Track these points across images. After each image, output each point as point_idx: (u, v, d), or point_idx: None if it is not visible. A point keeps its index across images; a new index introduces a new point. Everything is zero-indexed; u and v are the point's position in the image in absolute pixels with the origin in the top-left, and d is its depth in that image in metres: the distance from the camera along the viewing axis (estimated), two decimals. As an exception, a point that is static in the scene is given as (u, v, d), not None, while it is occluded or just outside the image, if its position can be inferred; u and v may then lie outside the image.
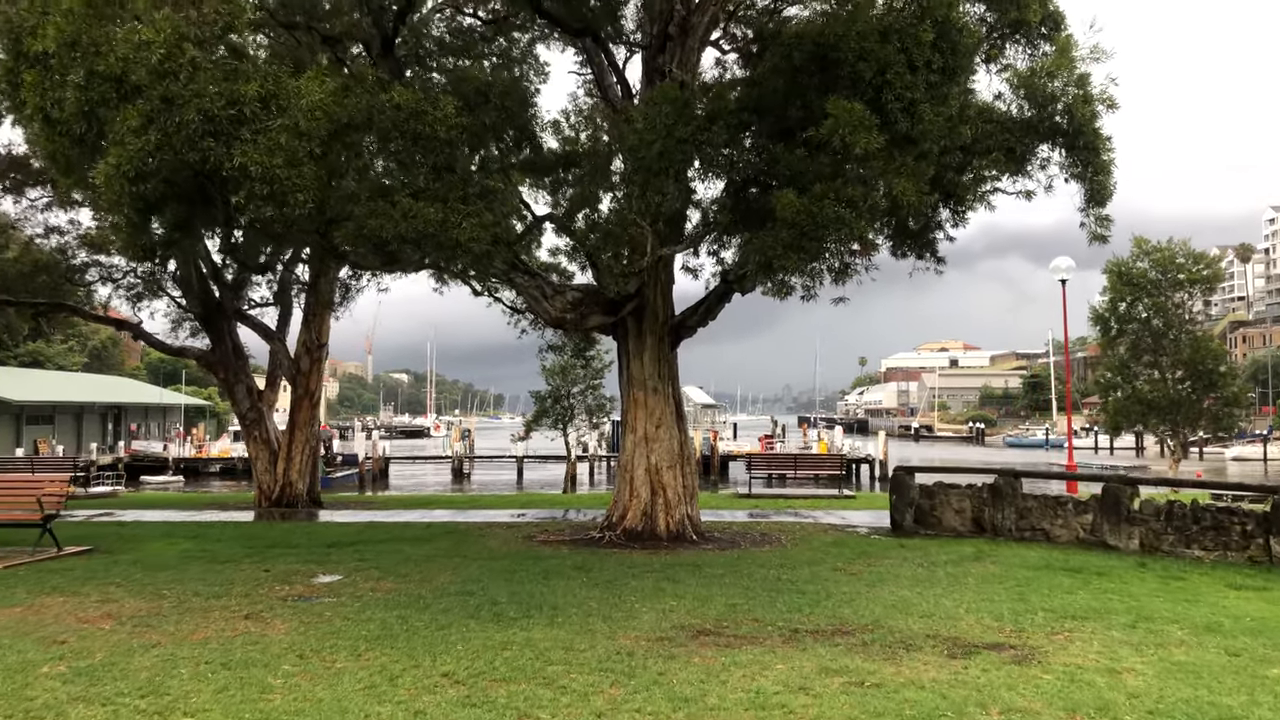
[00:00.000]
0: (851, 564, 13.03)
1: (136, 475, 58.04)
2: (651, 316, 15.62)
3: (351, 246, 10.93)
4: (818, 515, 19.87)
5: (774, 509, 21.26)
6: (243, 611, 9.54)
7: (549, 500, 24.96)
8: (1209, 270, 30.02)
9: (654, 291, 15.54)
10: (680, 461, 15.88)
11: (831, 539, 15.89)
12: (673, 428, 15.83)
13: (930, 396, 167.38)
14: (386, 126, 10.97)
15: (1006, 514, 15.86)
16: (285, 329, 24.91)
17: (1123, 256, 30.47)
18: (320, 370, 23.99)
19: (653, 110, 11.34)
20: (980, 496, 16.33)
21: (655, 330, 15.66)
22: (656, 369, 15.69)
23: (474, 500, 24.97)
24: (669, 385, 15.89)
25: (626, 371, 16.03)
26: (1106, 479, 14.91)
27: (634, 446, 15.79)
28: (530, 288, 14.88)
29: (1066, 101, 11.52)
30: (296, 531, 17.09)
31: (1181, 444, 30.60)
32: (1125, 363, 30.48)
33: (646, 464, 15.67)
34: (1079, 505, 15.11)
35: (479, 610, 9.50)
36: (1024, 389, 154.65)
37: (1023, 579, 11.80)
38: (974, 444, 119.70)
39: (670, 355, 16.11)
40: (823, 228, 10.38)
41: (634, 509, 15.63)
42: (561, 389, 31.96)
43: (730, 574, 11.97)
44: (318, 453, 24.53)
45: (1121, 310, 30.43)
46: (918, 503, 16.94)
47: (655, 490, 15.63)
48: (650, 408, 15.69)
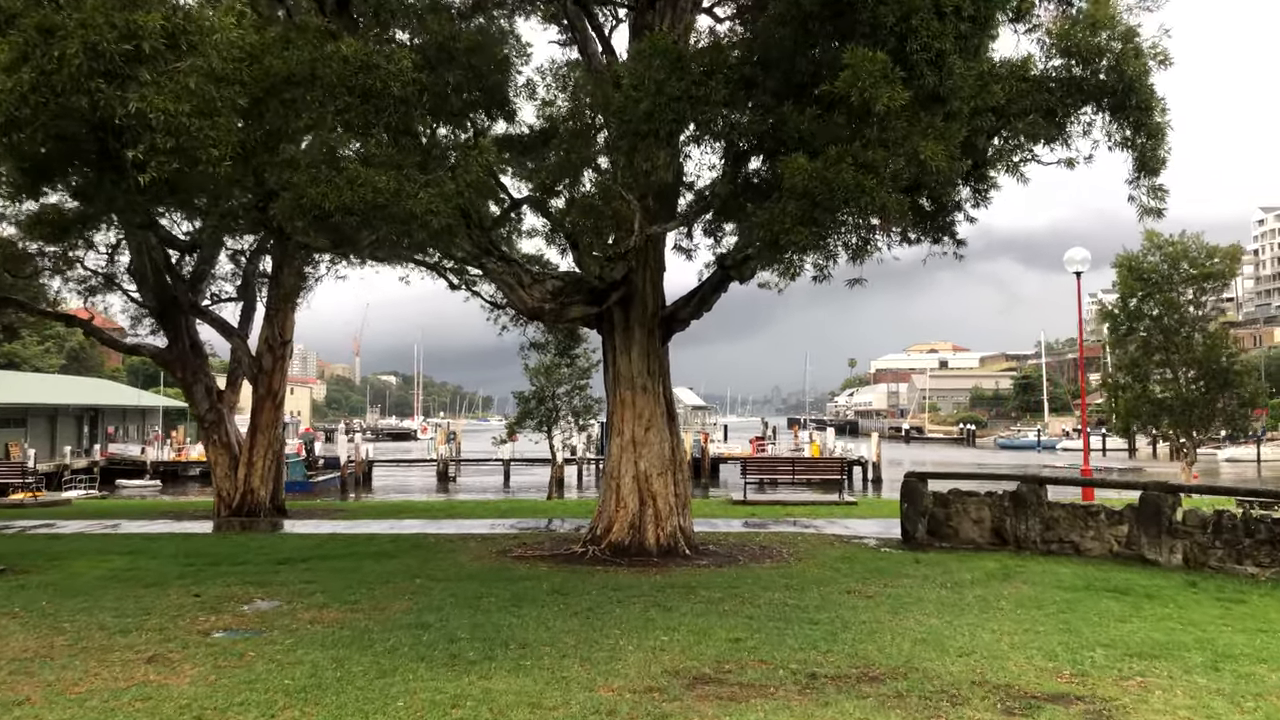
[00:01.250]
0: (866, 584, 11.53)
1: (112, 479, 56.34)
2: (640, 307, 14.09)
3: (289, 221, 9.38)
4: (820, 524, 18.37)
5: (772, 517, 19.76)
6: (149, 652, 7.96)
7: (531, 508, 23.39)
8: (1223, 264, 28.71)
9: (642, 279, 14.01)
10: (672, 468, 14.36)
11: (839, 553, 14.39)
12: (663, 430, 14.31)
13: (920, 398, 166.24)
14: (332, 81, 9.41)
15: (1031, 525, 14.38)
16: (248, 325, 23.28)
17: (1133, 250, 29.14)
18: (284, 369, 22.36)
19: (641, 65, 9.82)
20: (1001, 505, 14.86)
21: (644, 322, 14.13)
22: (645, 365, 14.17)
23: (451, 508, 23.39)
24: (659, 383, 14.36)
25: (612, 369, 14.50)
26: (1144, 486, 13.45)
27: (621, 451, 14.26)
28: (505, 275, 13.33)
29: (1114, 56, 10.05)
30: (249, 545, 15.49)
31: (1194, 446, 29.26)
32: (1136, 361, 29.09)
33: (635, 471, 14.14)
34: (1113, 516, 13.65)
35: (432, 649, 7.94)
36: (1015, 390, 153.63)
37: (1063, 603, 10.32)
38: (965, 445, 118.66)
39: (661, 350, 14.59)
40: (838, 197, 8.87)
41: (620, 520, 14.09)
42: (546, 389, 30.41)
43: (730, 598, 10.44)
44: (282, 457, 22.91)
45: (1132, 307, 29.06)
46: (932, 512, 15.46)
47: (644, 500, 14.10)
48: (638, 408, 14.16)
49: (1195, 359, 28.04)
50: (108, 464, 60.67)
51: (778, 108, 9.58)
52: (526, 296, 13.41)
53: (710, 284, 14.35)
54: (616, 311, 14.24)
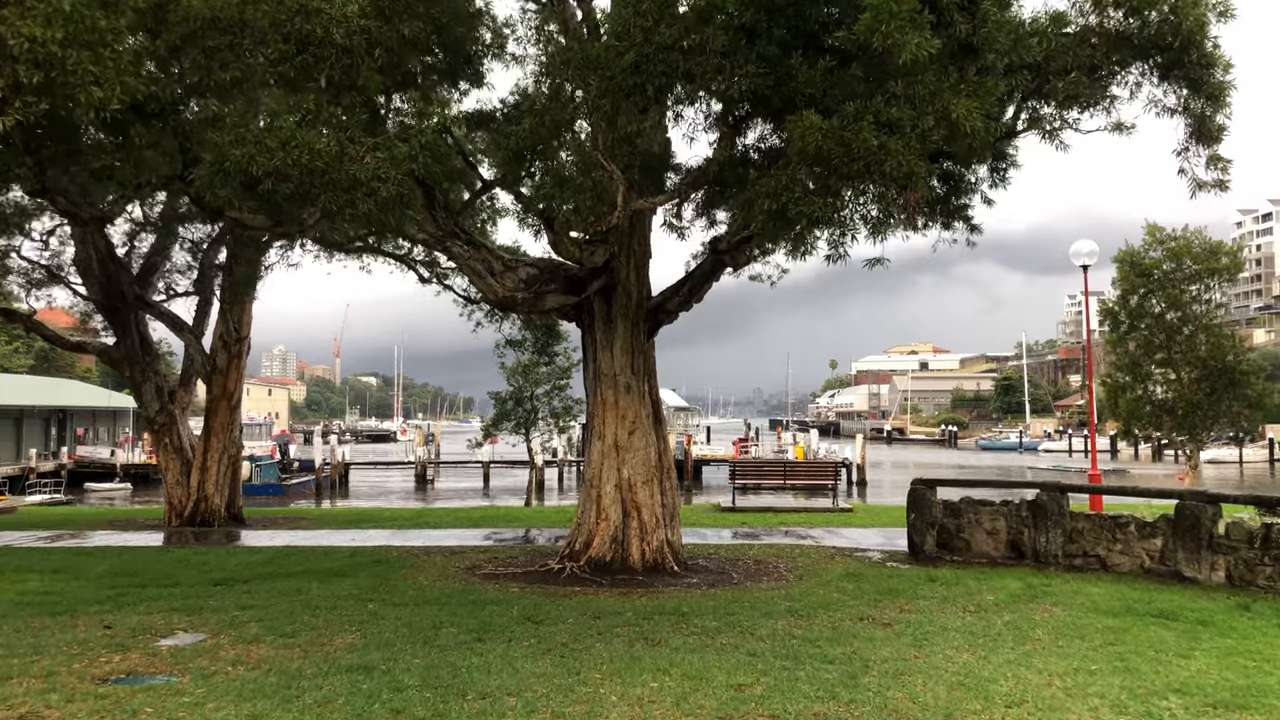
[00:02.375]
0: (879, 608, 10.19)
1: (81, 482, 54.53)
2: (623, 297, 12.71)
3: (211, 188, 7.94)
4: (817, 535, 17.05)
5: (764, 526, 18.43)
6: (20, 707, 6.49)
7: (508, 516, 21.95)
8: (1229, 260, 27.65)
9: (626, 266, 12.63)
10: (659, 475, 12.98)
11: (842, 569, 13.06)
12: (649, 434, 12.93)
13: (902, 399, 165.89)
14: (263, 27, 8.00)
15: (1052, 536, 13.10)
16: (205, 321, 21.71)
17: (1134, 245, 28.01)
18: (240, 367, 20.80)
19: (626, 10, 8.44)
20: (1018, 515, 13.58)
21: (628, 314, 12.75)
22: (629, 362, 12.78)
23: (420, 516, 21.90)
24: (644, 382, 12.98)
25: (593, 365, 13.11)
26: (1181, 495, 12.18)
27: (602, 457, 12.87)
28: (472, 260, 11.90)
29: (1167, 5, 8.75)
30: (190, 562, 13.97)
31: (1198, 449, 28.17)
32: (1137, 360, 27.94)
33: (617, 478, 12.76)
34: (1144, 527, 12.38)
35: (372, 702, 6.52)
36: (996, 392, 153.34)
37: (1108, 632, 9.02)
38: (947, 447, 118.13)
39: (647, 345, 13.21)
40: (858, 161, 7.52)
41: (601, 534, 12.70)
42: (524, 390, 28.94)
43: (727, 628, 9.07)
44: (238, 462, 21.35)
45: (1133, 304, 27.92)
46: (941, 522, 14.16)
47: (628, 511, 12.72)
48: (622, 409, 12.77)
49: (1199, 358, 26.92)
50: (76, 466, 58.94)
51: (785, 60, 8.21)
52: (497, 285, 11.99)
53: (701, 271, 12.99)
54: (597, 302, 12.86)
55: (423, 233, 11.64)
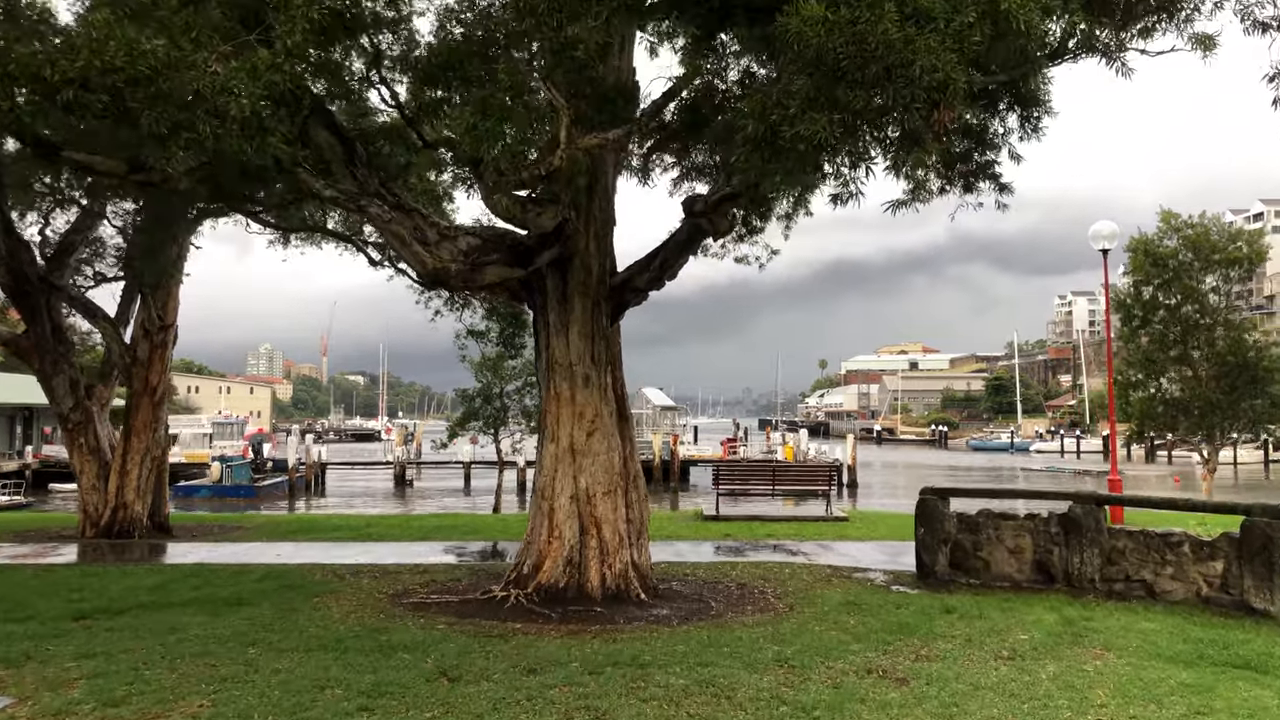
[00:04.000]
0: (890, 654, 8.14)
1: (46, 483, 52.29)
2: (581, 271, 10.62)
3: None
4: (809, 550, 14.99)
5: (750, 539, 16.36)
6: None
7: (468, 525, 19.80)
8: (1250, 249, 25.77)
9: (584, 234, 10.55)
10: (624, 484, 10.90)
11: (841, 595, 11.01)
12: (612, 435, 10.84)
13: (892, 399, 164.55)
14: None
15: (1088, 557, 11.09)
16: (130, 308, 19.53)
17: (1147, 233, 26.06)
18: (164, 358, 18.59)
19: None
20: (1046, 532, 11.56)
21: (587, 292, 10.66)
22: (588, 349, 10.69)
23: (369, 526, 19.71)
24: (606, 373, 10.89)
25: (545, 354, 11.02)
26: (1249, 510, 10.16)
27: (555, 463, 10.78)
28: (395, 225, 9.77)
29: None
30: (64, 586, 11.79)
31: (1215, 451, 26.26)
32: (1150, 356, 25.96)
33: (573, 488, 10.67)
34: (1202, 548, 10.36)
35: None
36: (986, 392, 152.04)
37: (1187, 692, 6.99)
38: (937, 447, 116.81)
39: (610, 330, 11.13)
40: (876, 62, 5.46)
41: (554, 555, 10.61)
42: (493, 386, 26.76)
43: (698, 688, 6.99)
44: (164, 465, 19.15)
45: (1147, 296, 25.95)
46: (956, 538, 12.13)
47: (586, 527, 10.63)
48: (579, 406, 10.68)
49: (1218, 354, 24.97)
50: (41, 466, 56.57)
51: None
52: (426, 255, 9.87)
53: (676, 241, 10.90)
54: (550, 277, 10.76)
55: (332, 190, 9.52)
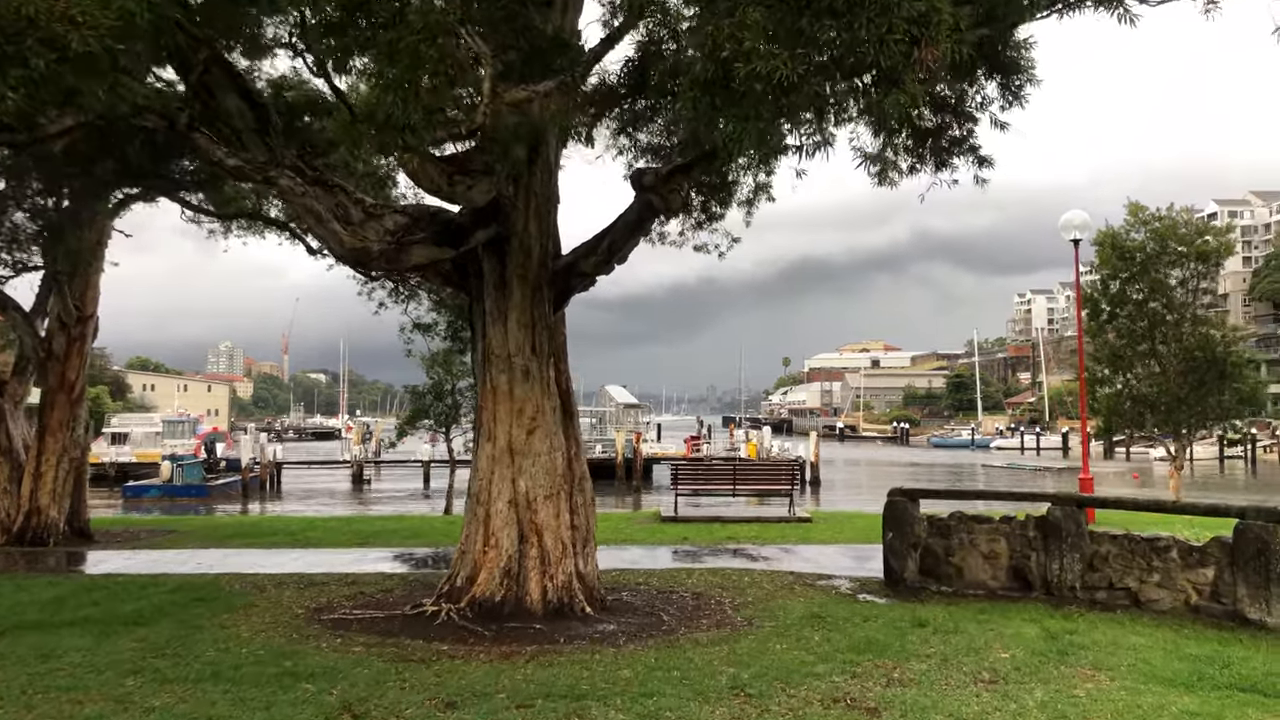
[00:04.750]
0: (859, 677, 7.27)
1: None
2: (520, 254, 9.64)
3: None
4: (770, 554, 14.13)
5: (709, 542, 15.47)
6: None
7: (411, 530, 18.72)
8: (1217, 242, 25.37)
9: (524, 212, 9.57)
10: (568, 488, 9.95)
11: (804, 607, 10.13)
12: (556, 434, 9.88)
13: (854, 396, 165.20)
14: None
15: (1068, 563, 10.31)
16: (48, 299, 18.19)
17: (1114, 226, 25.56)
18: (83, 352, 17.32)
19: None
20: (1023, 535, 10.77)
21: (527, 276, 9.68)
22: (529, 339, 9.71)
23: (309, 529, 18.52)
24: (548, 365, 9.92)
25: (481, 344, 10.03)
26: (1242, 513, 9.43)
27: (492, 464, 9.79)
28: (309, 199, 8.72)
29: None
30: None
31: (1184, 448, 25.85)
32: (1118, 352, 25.47)
33: (512, 492, 9.69)
34: (1191, 553, 9.61)
35: None
36: (947, 389, 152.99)
37: None
38: (899, 444, 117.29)
39: (554, 318, 10.15)
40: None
41: (490, 566, 9.62)
42: (445, 383, 25.64)
43: (641, 724, 6.07)
44: (83, 466, 17.88)
45: (1114, 290, 25.46)
46: (926, 543, 11.32)
47: (525, 535, 9.66)
48: (518, 401, 9.70)
49: (1185, 349, 24.52)
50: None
51: None
52: (344, 234, 8.83)
53: (625, 222, 9.96)
54: (487, 260, 9.77)
55: (236, 158, 8.46)
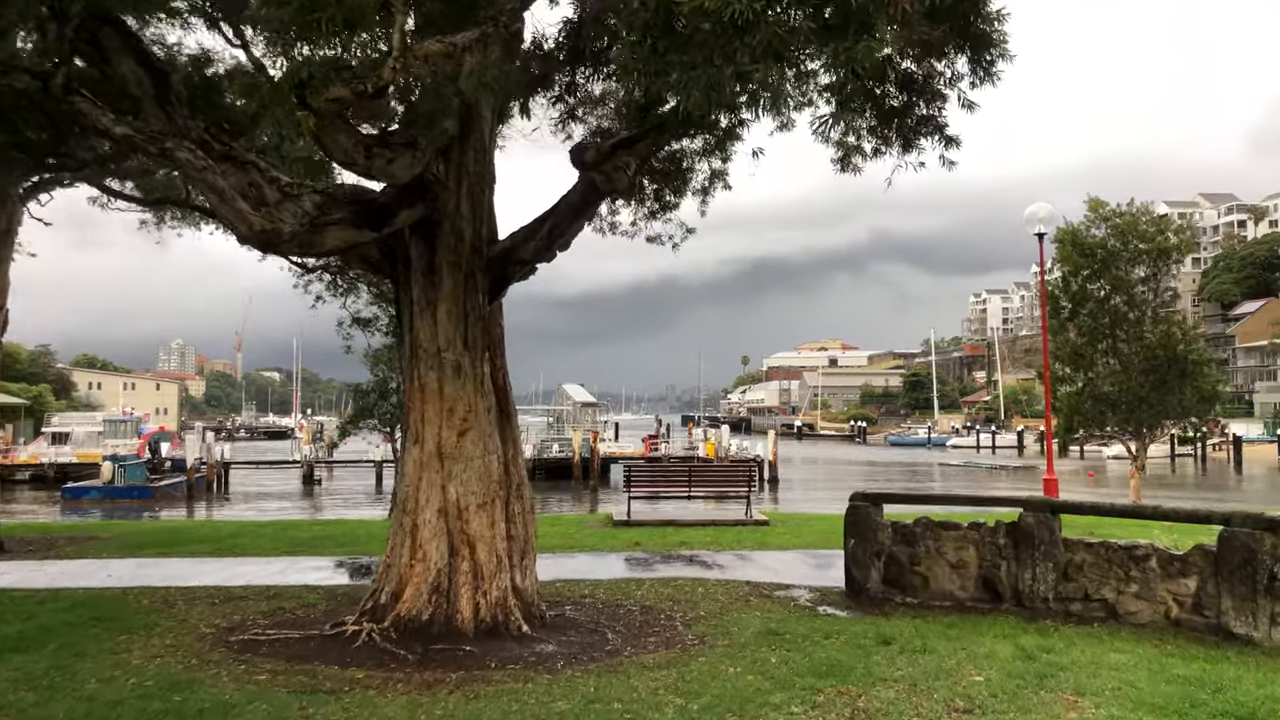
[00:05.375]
0: (820, 707, 6.52)
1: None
2: (450, 238, 8.76)
3: None
4: (726, 562, 13.38)
5: (662, 548, 14.69)
6: None
7: (349, 536, 17.69)
8: (1179, 239, 25.13)
9: (455, 191, 8.70)
10: (503, 495, 9.09)
11: (760, 622, 9.37)
12: (490, 436, 9.01)
13: (812, 395, 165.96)
14: None
15: (1041, 573, 9.67)
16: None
17: (1074, 223, 25.22)
18: (-10, 346, 16.11)
19: None
20: (993, 543, 10.12)
21: (458, 263, 8.80)
22: (460, 332, 8.84)
23: (237, 536, 17.35)
24: (483, 361, 9.05)
25: (409, 337, 9.13)
26: (1228, 519, 8.82)
27: (420, 470, 8.91)
28: (210, 174, 7.77)
29: None
30: None
31: (1144, 448, 25.58)
32: (1079, 350, 25.14)
33: (441, 500, 8.81)
34: (1172, 562, 9.00)
35: None
36: (904, 388, 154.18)
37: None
38: (856, 442, 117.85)
39: (489, 310, 9.29)
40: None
41: (417, 581, 8.74)
42: (389, 381, 24.62)
43: (572, 774, 5.25)
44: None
45: (1075, 288, 25.12)
46: (890, 551, 10.63)
47: (456, 547, 8.79)
48: (448, 400, 8.82)
49: (1147, 347, 24.24)
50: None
51: None
52: (251, 214, 7.89)
53: (568, 204, 9.13)
54: (415, 245, 8.89)
55: (124, 126, 7.49)
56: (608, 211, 14.07)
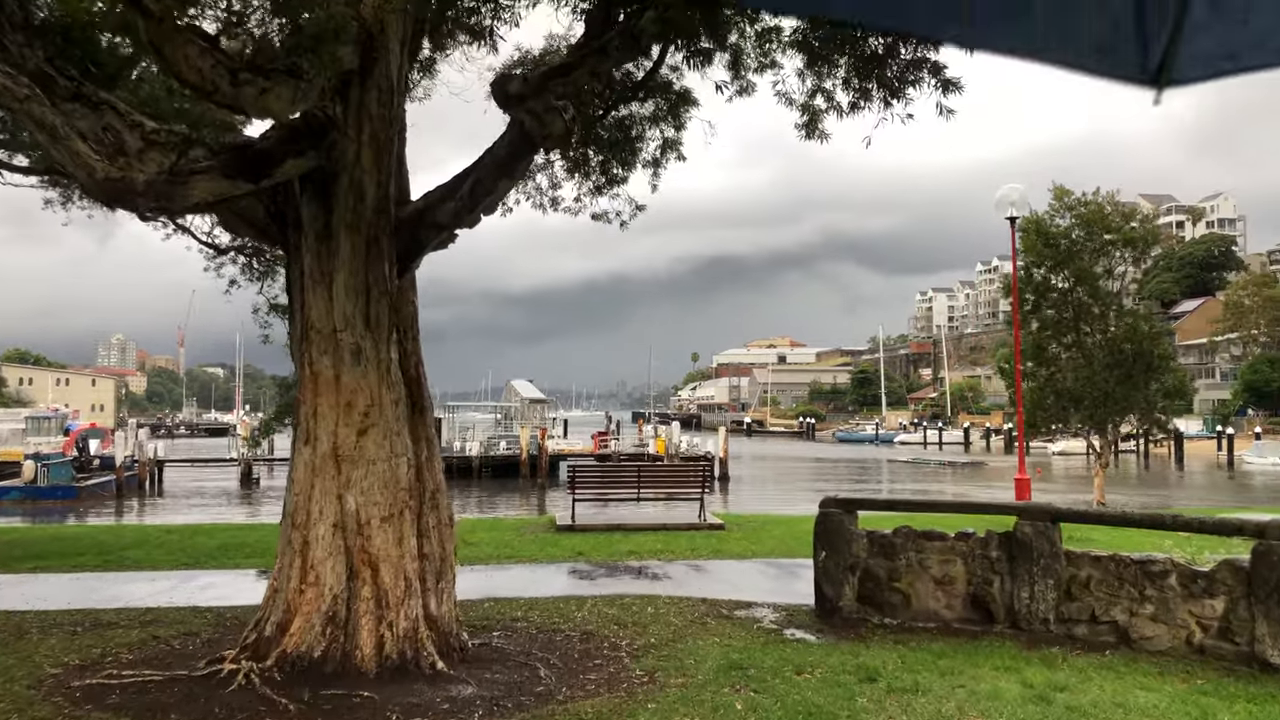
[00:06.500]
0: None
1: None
2: (350, 195, 7.22)
3: None
4: (678, 574, 11.98)
5: (607, 558, 13.25)
6: None
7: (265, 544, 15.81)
8: (1144, 230, 24.36)
9: (354, 140, 7.15)
10: (415, 505, 7.58)
11: (720, 651, 7.99)
12: (398, 435, 7.48)
13: (761, 392, 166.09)
14: None
15: (1040, 590, 8.43)
16: None
17: (1039, 212, 24.33)
18: None
19: None
20: (984, 556, 8.86)
21: (359, 226, 7.26)
22: (361, 309, 7.30)
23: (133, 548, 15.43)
24: (391, 346, 7.51)
25: (300, 315, 7.58)
26: (1262, 531, 7.62)
27: (311, 476, 7.36)
28: (35, 103, 6.15)
29: None
30: None
31: (1108, 445, 24.79)
32: (1040, 344, 24.25)
33: (338, 512, 7.27)
34: (1194, 580, 7.80)
35: None
36: (852, 384, 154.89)
37: None
38: (805, 439, 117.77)
39: (399, 284, 7.76)
40: None
41: (307, 610, 7.20)
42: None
43: None
44: None
45: (1038, 279, 24.23)
46: (866, 564, 9.33)
47: (356, 569, 7.26)
48: (346, 392, 7.28)
49: (1111, 341, 23.42)
50: None
51: None
52: (94, 159, 6.28)
53: (495, 157, 7.62)
54: (307, 204, 7.33)
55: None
56: (548, 185, 12.65)
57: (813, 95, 9.98)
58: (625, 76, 11.61)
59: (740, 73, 11.57)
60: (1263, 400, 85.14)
